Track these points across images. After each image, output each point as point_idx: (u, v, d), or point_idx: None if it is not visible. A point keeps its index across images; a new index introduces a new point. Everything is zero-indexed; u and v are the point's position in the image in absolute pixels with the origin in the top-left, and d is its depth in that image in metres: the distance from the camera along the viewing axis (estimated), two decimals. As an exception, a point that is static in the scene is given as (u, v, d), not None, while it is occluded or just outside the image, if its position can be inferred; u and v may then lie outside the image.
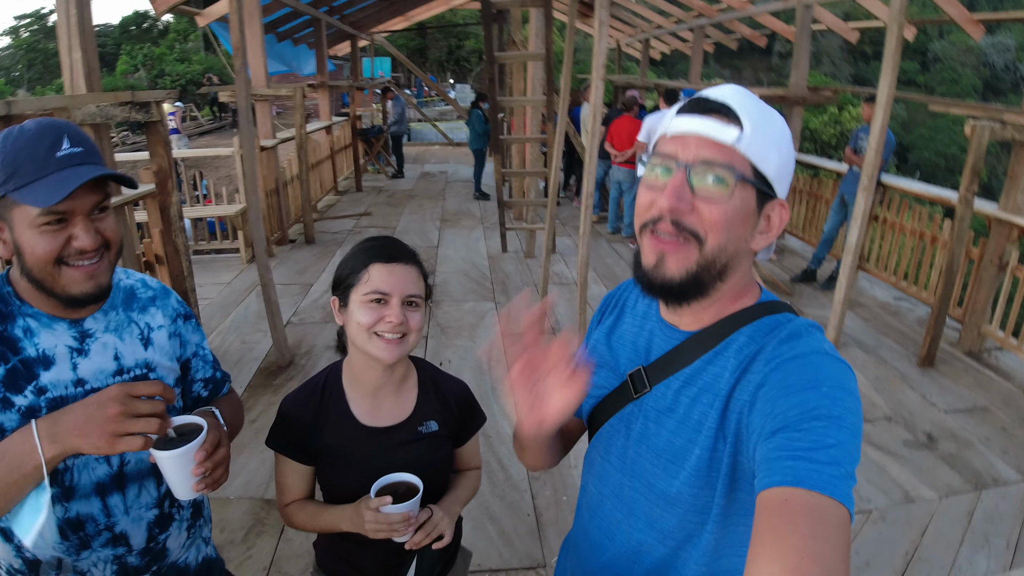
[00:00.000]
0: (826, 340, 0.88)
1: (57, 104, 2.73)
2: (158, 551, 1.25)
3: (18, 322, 1.09)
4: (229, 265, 6.91)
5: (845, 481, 0.70)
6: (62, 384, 1.10)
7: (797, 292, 6.04)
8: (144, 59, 27.40)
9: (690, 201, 0.84)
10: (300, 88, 7.15)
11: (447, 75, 28.61)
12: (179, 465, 1.05)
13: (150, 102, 3.33)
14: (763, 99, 0.89)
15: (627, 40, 13.86)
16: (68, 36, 2.95)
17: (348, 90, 11.81)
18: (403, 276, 1.28)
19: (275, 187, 7.56)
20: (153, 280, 1.34)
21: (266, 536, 2.74)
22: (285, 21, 9.20)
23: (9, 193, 1.01)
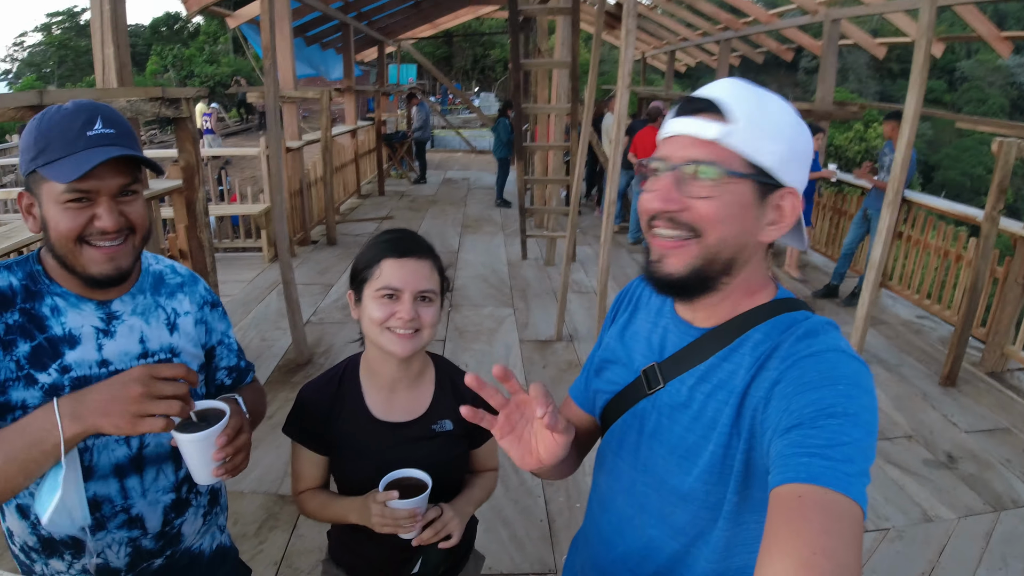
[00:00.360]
0: (843, 338, 0.87)
1: (88, 97, 2.78)
2: (173, 535, 1.26)
3: (46, 300, 1.11)
4: (251, 263, 6.98)
5: (859, 479, 0.70)
6: (86, 364, 1.11)
7: (818, 308, 5.98)
8: (174, 60, 27.79)
9: (679, 200, 0.85)
10: (327, 92, 7.24)
11: (472, 83, 28.80)
12: (200, 449, 1.06)
13: (180, 98, 3.39)
14: None
15: (652, 52, 13.86)
16: (101, 31, 3.02)
17: (374, 95, 11.91)
18: (415, 271, 1.27)
19: (299, 188, 7.65)
20: (182, 267, 1.35)
21: (279, 530, 2.76)
22: (314, 25, 9.32)
23: (38, 168, 1.02)
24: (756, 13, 8.62)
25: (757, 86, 0.89)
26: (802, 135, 0.89)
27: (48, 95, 2.33)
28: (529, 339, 5.01)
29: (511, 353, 4.77)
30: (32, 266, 1.13)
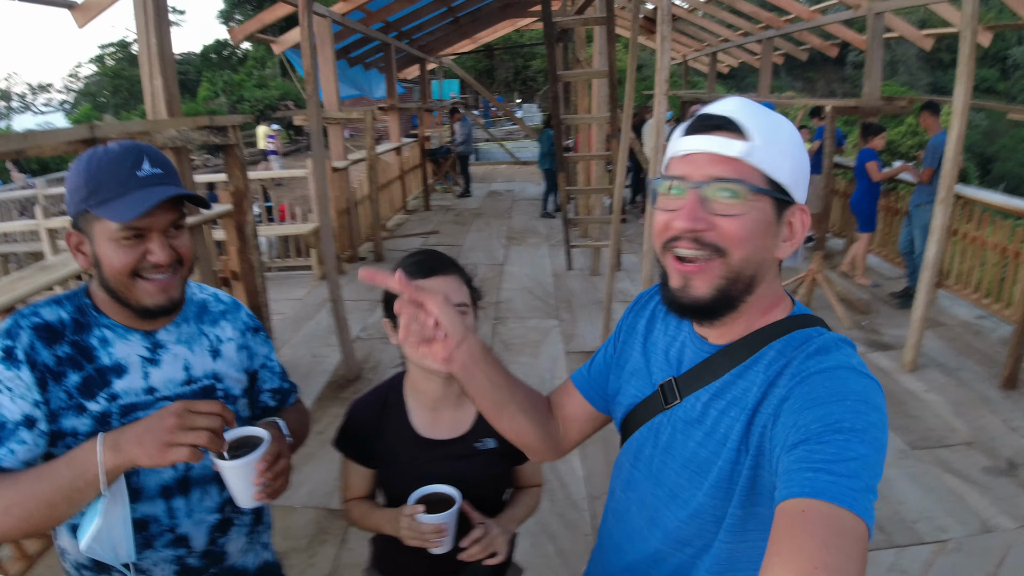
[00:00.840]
0: (855, 356, 0.87)
1: (139, 128, 2.91)
2: (218, 554, 1.29)
3: (95, 332, 1.16)
4: (302, 282, 7.17)
5: (864, 495, 0.70)
6: (133, 392, 1.17)
7: (873, 310, 5.79)
8: (224, 85, 28.78)
9: (706, 219, 0.84)
10: (370, 111, 7.40)
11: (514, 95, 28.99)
12: (240, 475, 1.10)
13: (227, 126, 3.51)
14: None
15: (694, 54, 13.72)
16: (149, 64, 3.15)
17: (417, 112, 12.10)
18: (442, 287, 1.29)
19: (346, 207, 7.82)
20: (225, 295, 1.40)
21: (328, 544, 2.81)
22: (357, 47, 9.55)
23: (91, 208, 1.07)
24: (797, 10, 8.44)
25: (760, 104, 0.89)
26: (804, 153, 0.90)
27: (99, 129, 2.45)
28: (575, 350, 4.99)
29: (557, 365, 4.76)
30: (81, 300, 1.18)
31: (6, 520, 1.00)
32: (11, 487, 1.01)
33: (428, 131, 12.49)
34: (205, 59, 33.27)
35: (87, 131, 2.40)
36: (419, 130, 12.06)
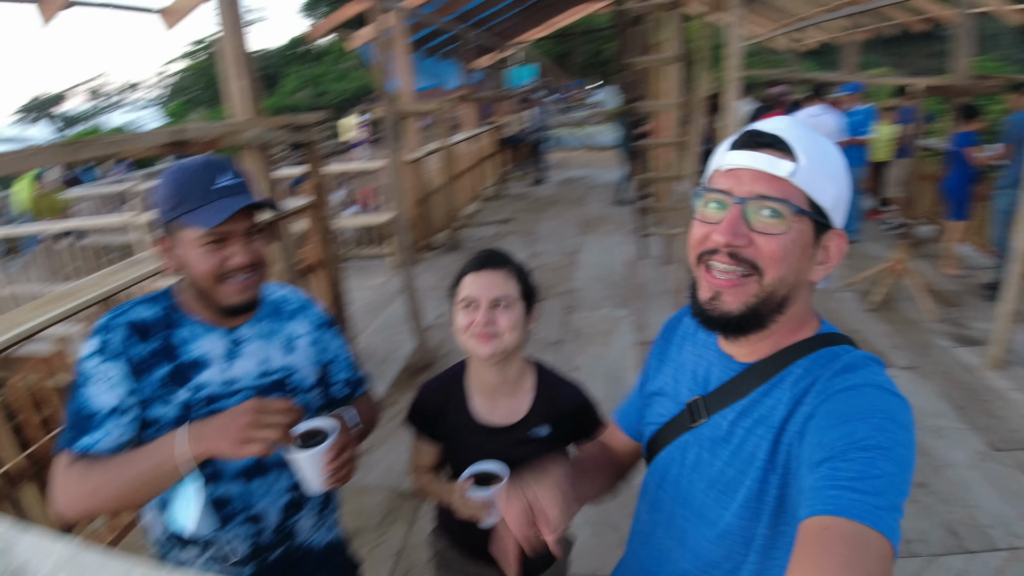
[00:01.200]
0: (883, 374, 0.85)
1: (224, 130, 3.10)
2: (289, 531, 1.41)
3: (181, 329, 1.29)
4: (381, 270, 7.40)
5: (889, 513, 0.69)
6: (215, 383, 1.29)
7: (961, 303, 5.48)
8: (306, 79, 29.73)
9: (746, 235, 0.85)
10: (444, 102, 7.52)
11: (592, 79, 28.66)
12: (309, 465, 1.20)
13: (306, 125, 3.69)
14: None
15: (774, 32, 13.19)
16: (232, 67, 3.34)
17: (492, 100, 12.18)
18: (489, 281, 1.40)
19: (422, 197, 8.00)
20: (299, 293, 1.52)
21: (398, 525, 2.95)
22: (431, 38, 9.70)
23: (179, 217, 1.20)
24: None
25: (806, 126, 0.89)
26: (847, 179, 0.89)
27: (185, 132, 2.62)
28: (646, 340, 4.95)
29: (626, 355, 4.76)
30: (169, 299, 1.32)
31: (95, 500, 1.13)
32: (101, 471, 1.13)
33: (503, 119, 12.54)
34: (288, 53, 34.37)
35: (174, 134, 2.58)
36: (494, 118, 12.13)
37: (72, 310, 2.18)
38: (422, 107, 7.43)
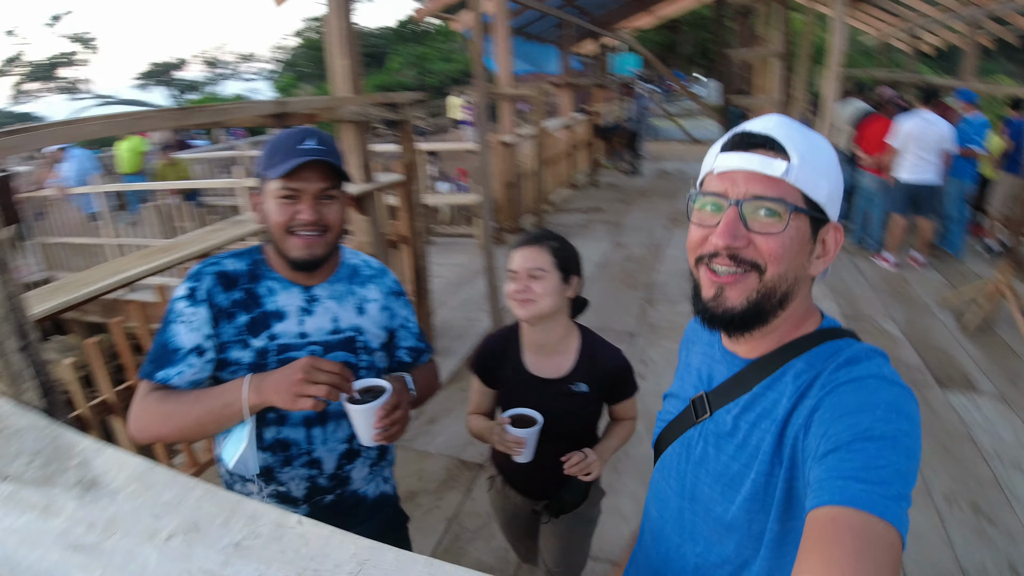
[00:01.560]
0: (887, 365, 0.85)
1: (324, 104, 3.26)
2: (343, 478, 1.51)
3: (264, 283, 1.41)
4: (467, 248, 7.57)
5: (896, 502, 0.69)
6: (289, 335, 1.40)
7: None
8: (412, 58, 30.38)
9: (745, 236, 0.85)
10: (540, 87, 7.55)
11: (696, 71, 27.88)
12: (363, 418, 1.30)
13: (400, 103, 3.83)
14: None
15: (892, 32, 12.41)
16: (336, 44, 3.50)
17: (590, 88, 12.10)
18: (527, 254, 1.64)
19: (512, 180, 8.09)
20: (375, 261, 1.63)
21: (455, 492, 3.07)
22: (534, 23, 9.72)
23: (265, 172, 1.34)
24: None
25: (796, 123, 0.89)
26: (840, 172, 0.91)
27: (287, 105, 2.79)
28: (722, 339, 4.86)
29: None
30: (256, 255, 1.45)
31: (166, 426, 1.28)
32: (174, 402, 1.28)
33: (600, 107, 12.44)
34: (396, 33, 35.20)
35: (276, 107, 2.75)
36: (590, 106, 12.06)
37: (172, 262, 2.38)
38: (515, 91, 7.49)
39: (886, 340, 4.71)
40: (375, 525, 1.61)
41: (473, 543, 2.74)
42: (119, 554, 0.87)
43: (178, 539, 0.90)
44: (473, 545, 2.72)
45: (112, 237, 7.28)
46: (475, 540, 2.74)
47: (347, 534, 0.89)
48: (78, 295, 1.98)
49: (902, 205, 6.24)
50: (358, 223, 4.42)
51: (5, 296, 1.19)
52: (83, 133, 1.90)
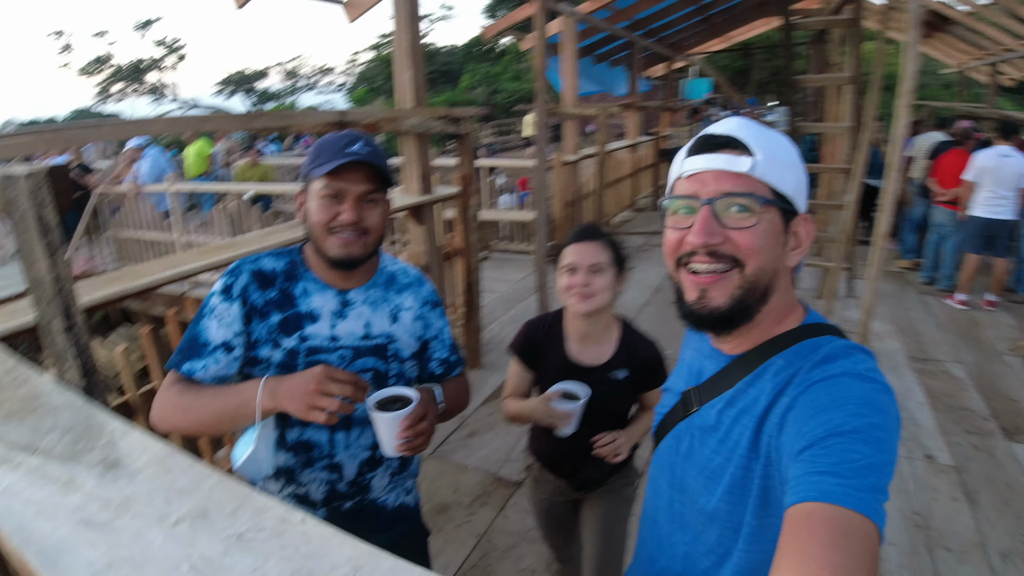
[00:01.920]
0: (865, 361, 0.86)
1: (385, 115, 3.34)
2: (363, 485, 1.49)
3: (300, 284, 1.41)
4: (522, 265, 7.57)
5: (871, 494, 0.70)
6: (320, 337, 1.39)
7: None
8: (483, 77, 30.86)
9: (720, 232, 0.88)
10: (605, 108, 7.54)
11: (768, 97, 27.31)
12: (387, 427, 1.29)
13: (461, 117, 3.87)
14: None
15: (972, 63, 11.90)
16: (402, 58, 3.58)
17: (657, 110, 12.01)
18: (587, 250, 1.69)
19: (572, 199, 8.08)
20: (414, 269, 1.62)
21: (488, 508, 3.04)
22: (602, 44, 9.74)
23: (310, 172, 1.35)
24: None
25: (755, 123, 0.93)
26: (802, 165, 0.94)
27: (349, 114, 2.86)
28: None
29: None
30: (295, 255, 1.45)
31: (184, 418, 1.30)
32: (195, 395, 1.29)
33: (667, 130, 12.33)
34: (468, 52, 35.83)
35: (338, 116, 2.82)
36: (657, 129, 11.96)
37: (227, 260, 2.46)
38: (578, 110, 7.48)
39: (952, 384, 4.47)
40: (392, 536, 1.58)
41: (501, 563, 2.69)
42: (127, 533, 0.89)
43: (185, 524, 0.91)
44: (501, 565, 2.68)
45: (181, 235, 7.59)
46: (504, 560, 2.70)
47: (347, 536, 0.88)
48: (133, 286, 2.06)
49: (976, 243, 5.98)
50: (414, 233, 4.49)
51: (54, 279, 1.24)
52: (150, 130, 1.98)
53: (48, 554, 0.86)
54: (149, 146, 8.56)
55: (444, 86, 34.55)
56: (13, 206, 1.17)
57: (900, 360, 4.88)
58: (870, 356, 0.88)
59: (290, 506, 0.98)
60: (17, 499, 0.97)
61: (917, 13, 2.98)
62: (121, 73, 36.63)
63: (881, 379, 0.83)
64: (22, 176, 1.13)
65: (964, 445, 3.65)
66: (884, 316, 5.82)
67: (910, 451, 3.58)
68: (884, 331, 5.44)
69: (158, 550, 0.86)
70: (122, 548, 0.86)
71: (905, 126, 3.29)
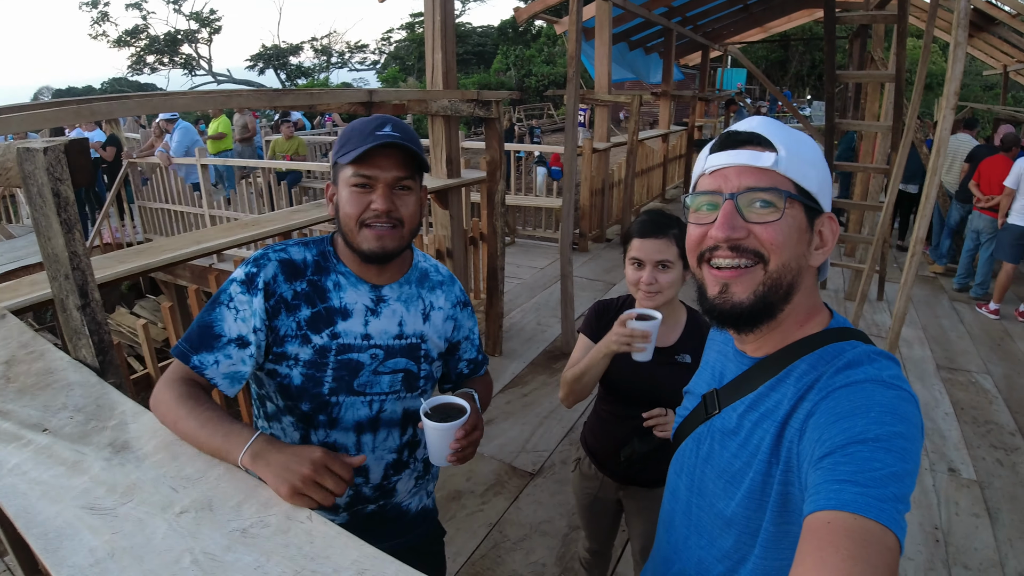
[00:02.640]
0: (889, 368, 0.83)
1: (414, 96, 3.29)
2: (388, 489, 1.45)
3: (331, 276, 1.31)
4: (548, 253, 7.53)
5: (892, 504, 0.68)
6: (352, 334, 1.30)
7: None
8: (516, 59, 30.63)
9: (744, 227, 0.87)
10: (637, 96, 7.42)
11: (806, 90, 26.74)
12: (442, 437, 1.23)
13: (490, 101, 3.82)
14: None
15: (1015, 66, 11.52)
16: (433, 39, 3.53)
17: (690, 101, 11.81)
18: (654, 246, 1.66)
19: (601, 187, 8.00)
20: (444, 268, 1.55)
21: (501, 498, 3.03)
22: (638, 31, 9.57)
23: (339, 159, 1.25)
24: None
25: (778, 122, 0.92)
26: (826, 164, 0.92)
27: (376, 94, 2.82)
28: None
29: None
30: (325, 246, 1.35)
31: (174, 428, 1.13)
32: (186, 412, 1.12)
33: (700, 120, 12.13)
34: (502, 33, 35.53)
35: (366, 95, 2.78)
36: (690, 118, 11.78)
37: (253, 237, 2.45)
38: (609, 96, 7.37)
39: (980, 396, 4.36)
40: (413, 539, 1.55)
41: (512, 554, 2.68)
42: (130, 522, 0.87)
43: (190, 516, 0.89)
44: (511, 556, 2.67)
45: (209, 209, 7.65)
46: (514, 551, 2.69)
47: (352, 538, 0.86)
48: (157, 260, 2.06)
49: (1013, 251, 5.83)
50: (439, 217, 4.46)
51: (69, 255, 1.23)
52: (175, 106, 1.96)
53: (50, 538, 0.84)
54: (179, 120, 8.62)
55: (477, 68, 34.33)
56: (31, 180, 1.16)
57: (928, 368, 4.77)
58: (895, 363, 0.85)
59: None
60: (23, 479, 0.96)
61: (965, 11, 2.86)
62: (155, 45, 36.95)
63: (906, 386, 0.81)
64: (40, 150, 1.12)
65: (989, 460, 3.56)
66: (914, 322, 5.69)
67: (933, 463, 3.50)
68: (913, 337, 5.32)
69: (160, 541, 0.84)
70: (124, 537, 0.84)
71: (948, 128, 3.18)
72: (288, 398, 1.31)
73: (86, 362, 1.34)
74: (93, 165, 7.61)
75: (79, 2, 36.49)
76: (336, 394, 1.31)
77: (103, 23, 36.11)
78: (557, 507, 2.96)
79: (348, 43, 42.83)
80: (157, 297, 8.00)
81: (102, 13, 35.75)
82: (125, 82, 37.49)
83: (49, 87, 43.99)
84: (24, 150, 1.14)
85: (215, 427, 1.11)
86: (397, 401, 1.39)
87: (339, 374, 1.30)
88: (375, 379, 1.34)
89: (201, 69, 38.35)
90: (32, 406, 1.17)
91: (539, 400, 3.99)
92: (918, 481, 3.37)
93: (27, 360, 1.30)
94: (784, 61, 27.56)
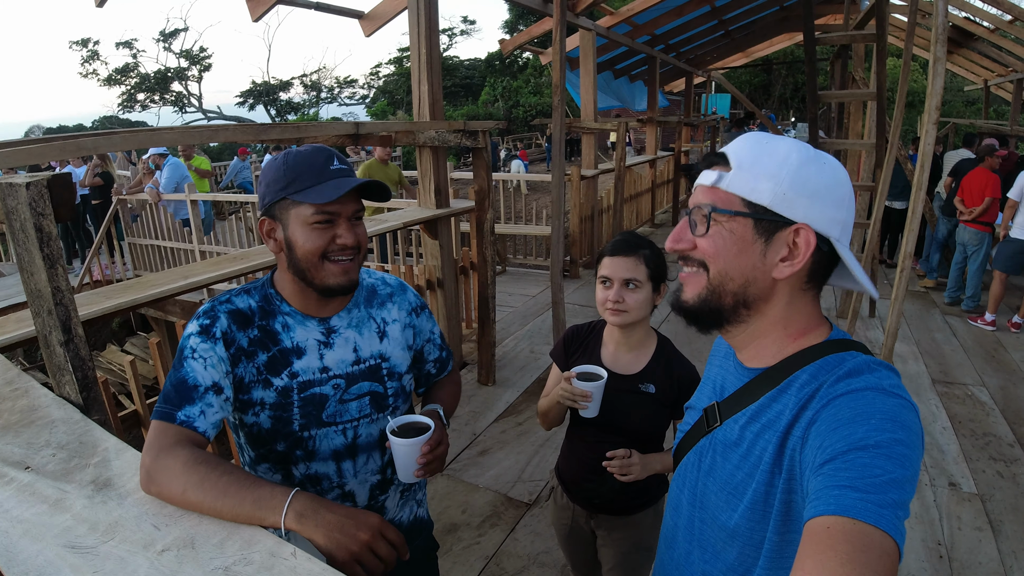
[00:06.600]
0: (890, 377, 0.84)
1: (402, 127, 3.32)
2: (378, 508, 1.46)
3: (278, 319, 1.32)
4: (539, 280, 7.54)
5: (891, 510, 0.69)
6: (310, 370, 1.32)
7: None
8: (503, 90, 31.03)
9: (690, 240, 0.95)
10: (623, 123, 7.50)
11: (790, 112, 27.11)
12: (407, 453, 1.28)
13: (477, 131, 3.85)
14: None
15: (997, 80, 11.74)
16: (419, 71, 3.57)
17: (676, 126, 11.95)
18: (621, 265, 1.67)
19: (591, 214, 8.04)
20: (391, 277, 1.55)
21: (498, 530, 2.97)
22: (622, 59, 9.71)
23: (290, 196, 1.23)
24: None
25: (775, 135, 0.94)
26: (815, 173, 0.89)
27: (364, 126, 2.84)
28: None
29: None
30: (266, 289, 1.35)
31: (181, 501, 1.04)
32: (199, 480, 1.05)
33: (686, 145, 12.27)
34: (489, 65, 36.01)
35: (353, 127, 2.80)
36: (676, 144, 11.91)
37: (242, 271, 2.44)
38: (602, 126, 7.45)
39: (976, 409, 4.36)
40: (411, 552, 1.56)
41: (510, 585, 2.63)
42: (111, 560, 0.85)
43: (171, 554, 0.87)
44: (510, 587, 2.62)
45: (199, 244, 7.64)
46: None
47: (337, 574, 0.84)
48: (144, 295, 2.05)
49: (1011, 263, 5.89)
50: (429, 247, 4.46)
51: (52, 291, 1.22)
52: (163, 141, 1.97)
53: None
54: (170, 155, 8.64)
55: (465, 100, 34.69)
56: (13, 215, 1.15)
57: (923, 383, 4.77)
58: (895, 373, 0.87)
59: (279, 539, 0.93)
60: (5, 517, 0.94)
61: (943, 27, 2.92)
62: (146, 83, 37.20)
63: (906, 395, 0.82)
64: (22, 185, 1.11)
65: (989, 473, 3.54)
66: (907, 337, 5.70)
67: (933, 478, 3.48)
68: (907, 352, 5.33)
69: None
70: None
71: (931, 144, 3.22)
72: (260, 445, 1.33)
73: (70, 399, 1.32)
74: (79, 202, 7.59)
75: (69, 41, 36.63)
76: (307, 429, 1.32)
77: (93, 62, 36.34)
78: (555, 537, 2.90)
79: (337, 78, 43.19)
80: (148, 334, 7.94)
81: (92, 52, 36.01)
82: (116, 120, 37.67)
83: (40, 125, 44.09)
84: (7, 185, 1.13)
85: (240, 494, 1.04)
86: (371, 424, 1.40)
87: (306, 410, 1.32)
88: (342, 408, 1.36)
89: (191, 106, 38.60)
90: (15, 443, 1.15)
91: (534, 428, 3.96)
92: (919, 497, 3.35)
93: (11, 397, 1.28)
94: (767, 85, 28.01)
